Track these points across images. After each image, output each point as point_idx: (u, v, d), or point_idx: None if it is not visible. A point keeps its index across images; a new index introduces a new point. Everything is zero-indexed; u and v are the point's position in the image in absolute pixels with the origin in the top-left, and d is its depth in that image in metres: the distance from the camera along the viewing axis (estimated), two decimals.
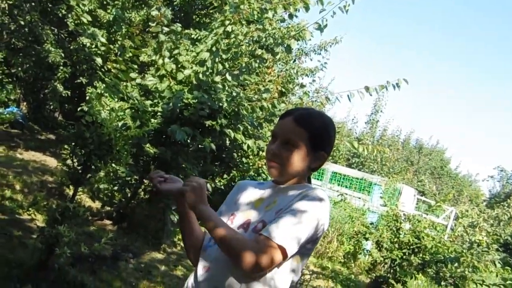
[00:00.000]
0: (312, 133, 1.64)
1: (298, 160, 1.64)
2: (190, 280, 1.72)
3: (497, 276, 7.26)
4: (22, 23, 8.49)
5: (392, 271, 7.23)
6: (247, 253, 1.47)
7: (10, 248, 4.50)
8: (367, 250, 8.58)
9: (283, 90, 6.92)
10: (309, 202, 1.56)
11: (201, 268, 1.68)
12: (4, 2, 8.12)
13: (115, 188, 6.62)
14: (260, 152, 6.60)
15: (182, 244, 6.80)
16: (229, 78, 5.97)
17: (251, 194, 1.78)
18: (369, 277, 7.96)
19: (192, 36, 7.24)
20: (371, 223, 8.43)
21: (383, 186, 11.97)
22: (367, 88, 5.62)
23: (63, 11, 8.99)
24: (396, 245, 7.31)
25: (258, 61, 6.38)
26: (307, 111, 1.71)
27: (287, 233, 1.50)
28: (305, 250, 1.60)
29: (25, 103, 12.88)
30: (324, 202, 1.59)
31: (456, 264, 6.96)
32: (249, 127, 6.31)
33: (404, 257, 7.13)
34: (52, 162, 9.24)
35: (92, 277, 4.40)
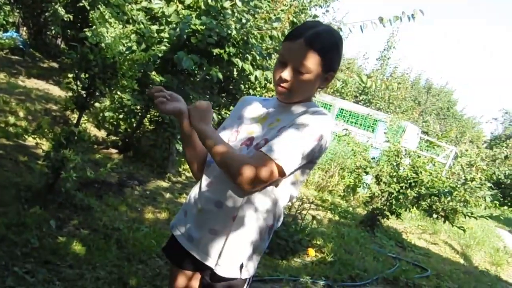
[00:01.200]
0: (325, 56, 1.56)
1: (309, 85, 1.60)
2: (193, 193, 1.75)
3: (485, 209, 7.64)
4: None
5: (388, 203, 7.40)
6: (246, 168, 1.49)
7: (17, 172, 4.50)
8: (366, 184, 8.67)
9: (295, 20, 6.62)
10: (312, 117, 1.57)
11: (204, 182, 1.69)
12: None
13: (121, 117, 6.54)
14: (268, 84, 6.44)
15: (187, 174, 6.83)
16: (239, 3, 5.69)
17: (255, 110, 1.76)
18: (366, 210, 8.12)
19: None
20: (373, 158, 8.44)
21: (388, 123, 11.87)
22: (381, 19, 5.36)
23: None
24: (395, 179, 7.43)
25: None
26: (316, 30, 1.56)
27: (287, 150, 1.52)
28: (305, 165, 1.62)
29: (24, 28, 12.47)
30: (327, 118, 1.60)
31: (449, 198, 7.14)
32: (257, 57, 6.10)
33: (401, 190, 7.27)
34: (55, 90, 9.11)
35: (98, 201, 4.42)
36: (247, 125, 1.71)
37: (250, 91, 6.93)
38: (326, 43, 1.56)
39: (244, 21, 5.76)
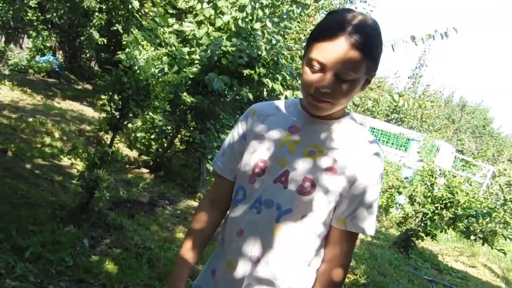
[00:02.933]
0: (371, 55, 1.19)
1: (353, 93, 1.23)
2: (227, 257, 1.38)
3: None
4: None
5: (422, 224, 7.21)
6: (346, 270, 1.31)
7: (53, 191, 4.60)
8: (399, 204, 8.51)
9: None
10: (380, 161, 1.28)
11: (246, 249, 1.32)
12: None
13: (152, 137, 6.65)
14: None
15: None
16: (269, 25, 5.75)
17: (276, 125, 1.35)
18: (399, 230, 7.93)
19: None
20: (406, 178, 8.29)
21: (421, 142, 11.69)
22: (412, 38, 5.31)
23: None
24: (429, 200, 7.25)
25: (300, 7, 6.11)
26: (358, 24, 1.17)
27: (374, 218, 1.30)
28: None
29: (61, 52, 12.95)
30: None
31: (487, 219, 6.91)
32: (287, 77, 6.13)
33: (436, 211, 7.09)
34: (89, 112, 9.36)
35: (130, 221, 4.48)
36: (272, 151, 1.32)
37: None
38: (372, 40, 1.19)
39: (274, 42, 5.82)
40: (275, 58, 5.86)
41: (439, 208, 7.12)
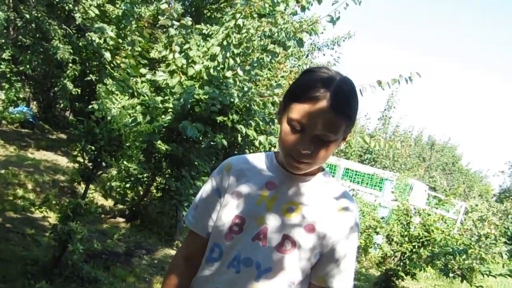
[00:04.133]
0: (350, 118, 1.21)
1: (331, 153, 1.24)
2: None
3: (503, 267, 7.33)
4: (28, 17, 8.44)
5: (401, 264, 7.26)
6: None
7: (24, 245, 4.50)
8: (377, 244, 8.56)
9: None
10: (356, 220, 1.30)
11: None
12: None
13: (127, 185, 6.60)
14: (272, 148, 6.53)
15: None
16: (240, 73, 5.90)
17: (253, 184, 1.32)
18: (379, 270, 7.95)
19: (203, 31, 7.18)
20: (382, 218, 8.38)
21: (395, 182, 11.87)
22: (379, 82, 5.51)
23: (70, 5, 8.94)
24: (406, 239, 7.33)
25: (270, 55, 6.29)
26: (337, 85, 1.18)
27: (351, 278, 1.31)
28: None
29: (35, 102, 12.94)
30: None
31: (464, 256, 7.00)
32: (260, 123, 6.24)
33: (414, 250, 7.15)
34: (63, 161, 9.26)
35: (106, 273, 4.39)
36: (249, 208, 1.29)
37: None
38: (351, 102, 1.20)
39: (246, 89, 5.95)
40: (248, 105, 5.97)
41: (416, 246, 7.19)
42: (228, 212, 1.31)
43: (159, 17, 7.71)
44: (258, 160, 1.39)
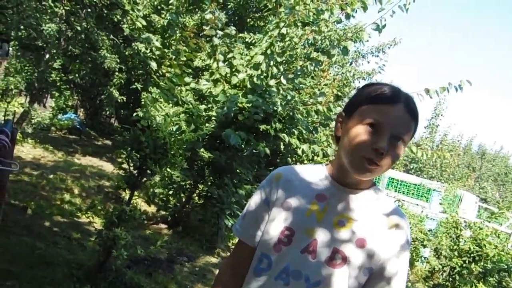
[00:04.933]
0: (417, 124, 1.27)
1: (397, 160, 1.26)
2: None
3: None
4: (79, 29, 8.76)
5: (451, 279, 7.00)
6: None
7: (70, 249, 4.61)
8: (424, 258, 8.30)
9: (339, 93, 6.76)
10: (408, 238, 1.28)
11: None
12: (62, 8, 8.42)
13: (170, 192, 6.69)
14: (315, 157, 6.46)
15: None
16: (283, 81, 5.88)
17: (303, 195, 1.31)
18: (427, 285, 7.70)
19: (246, 39, 7.21)
20: (429, 230, 8.13)
21: (443, 193, 11.51)
22: (427, 91, 5.38)
23: (118, 16, 9.23)
24: (456, 253, 7.07)
25: (313, 64, 6.24)
26: (410, 96, 1.26)
27: None
28: None
29: (82, 109, 13.37)
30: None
31: None
32: (304, 132, 6.19)
33: (464, 265, 6.88)
34: (108, 167, 9.50)
35: (148, 279, 4.44)
36: (299, 220, 1.28)
37: (298, 164, 6.97)
38: (417, 109, 1.26)
39: (289, 97, 5.92)
40: (291, 113, 5.93)
41: (467, 261, 6.92)
42: (277, 222, 1.30)
43: (203, 26, 7.83)
44: (308, 171, 1.38)
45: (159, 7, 9.04)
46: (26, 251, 4.18)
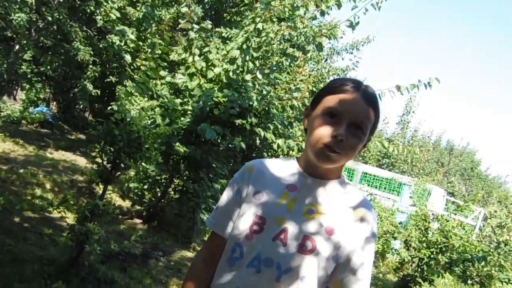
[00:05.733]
0: (377, 115, 1.32)
1: (358, 148, 1.30)
2: None
3: None
4: (50, 19, 8.57)
5: (419, 270, 7.20)
6: None
7: (42, 245, 4.53)
8: (395, 250, 8.50)
9: (314, 89, 6.80)
10: (375, 225, 1.32)
11: None
12: None
13: (145, 187, 6.63)
14: (291, 152, 6.50)
15: None
16: (259, 76, 5.89)
17: (274, 183, 1.36)
18: (397, 276, 7.88)
19: (223, 34, 7.19)
20: (400, 223, 8.33)
21: (413, 187, 11.75)
22: (398, 87, 5.47)
23: (91, 7, 9.07)
24: (424, 244, 7.27)
25: (289, 59, 6.26)
26: (370, 87, 1.32)
27: (365, 284, 1.30)
28: None
29: (54, 103, 13.10)
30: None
31: (483, 263, 6.92)
32: (279, 126, 6.22)
33: (432, 256, 7.08)
34: (82, 161, 9.35)
35: (122, 274, 4.40)
36: (270, 209, 1.32)
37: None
38: (377, 99, 1.32)
39: (265, 92, 5.93)
40: (266, 108, 5.95)
41: (434, 252, 7.12)
42: (249, 213, 1.34)
43: (179, 20, 7.76)
44: (280, 163, 1.43)
45: (134, 0, 8.91)
46: None
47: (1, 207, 5.22)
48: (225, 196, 1.44)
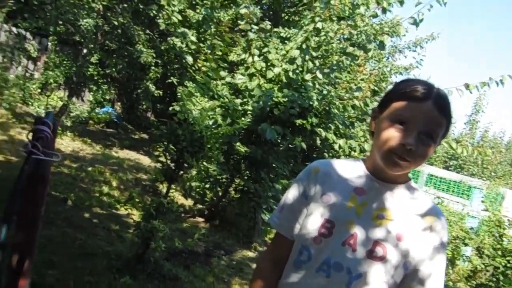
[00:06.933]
0: (449, 122, 1.27)
1: (428, 156, 1.25)
2: None
3: None
4: (116, 23, 8.93)
5: (494, 279, 6.79)
6: None
7: (110, 241, 4.71)
8: (466, 257, 8.09)
9: (376, 88, 6.67)
10: (445, 229, 1.30)
11: None
12: (99, 3, 8.59)
13: (207, 186, 6.73)
14: (352, 152, 6.39)
15: None
16: (319, 76, 5.84)
17: (342, 189, 1.33)
18: (469, 285, 7.49)
19: (281, 34, 7.19)
20: (471, 228, 7.92)
21: (484, 190, 11.21)
22: (466, 86, 5.24)
23: (154, 11, 9.35)
24: (499, 252, 6.86)
25: (349, 58, 6.18)
26: (442, 93, 1.26)
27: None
28: None
29: (119, 103, 13.56)
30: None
31: None
32: (340, 126, 6.14)
33: (508, 265, 6.64)
34: (145, 160, 9.63)
35: (186, 272, 4.48)
36: (339, 213, 1.29)
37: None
38: (449, 105, 1.26)
39: (325, 92, 5.88)
40: (327, 108, 5.90)
41: (511, 261, 6.71)
42: (316, 215, 1.31)
43: (238, 21, 7.85)
44: (346, 165, 1.40)
45: (193, 2, 9.10)
46: (67, 242, 4.28)
47: (72, 203, 5.48)
48: (290, 196, 1.41)
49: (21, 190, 1.96)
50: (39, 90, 10.51)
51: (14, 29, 10.09)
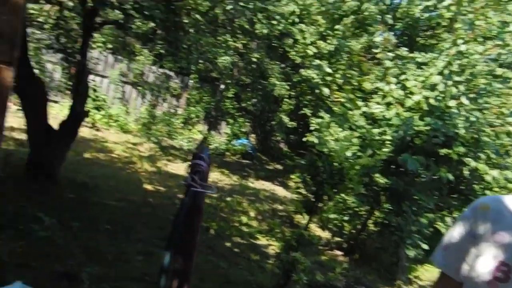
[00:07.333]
0: None
1: None
2: None
3: None
4: (253, 60, 9.34)
5: None
6: None
7: (250, 270, 4.79)
8: None
9: None
10: None
11: None
12: (237, 42, 9.09)
13: (345, 218, 6.59)
14: (508, 184, 5.79)
15: (419, 282, 6.38)
16: (465, 102, 5.45)
17: None
18: None
19: (418, 59, 6.89)
20: None
21: None
22: None
23: (287, 46, 9.62)
24: None
25: (499, 81, 5.70)
26: None
27: None
28: None
29: (253, 135, 14.04)
30: None
31: None
32: (492, 156, 5.62)
33: None
34: (280, 191, 9.76)
35: None
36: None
37: (486, 192, 6.30)
38: None
39: (473, 119, 5.45)
40: (476, 136, 5.45)
41: None
42: (488, 257, 1.17)
43: (371, 49, 7.71)
44: None
45: (324, 33, 9.18)
46: (212, 269, 4.44)
47: (214, 232, 5.72)
48: (455, 234, 1.29)
49: (182, 221, 2.07)
50: (182, 125, 11.35)
51: (160, 69, 11.13)
